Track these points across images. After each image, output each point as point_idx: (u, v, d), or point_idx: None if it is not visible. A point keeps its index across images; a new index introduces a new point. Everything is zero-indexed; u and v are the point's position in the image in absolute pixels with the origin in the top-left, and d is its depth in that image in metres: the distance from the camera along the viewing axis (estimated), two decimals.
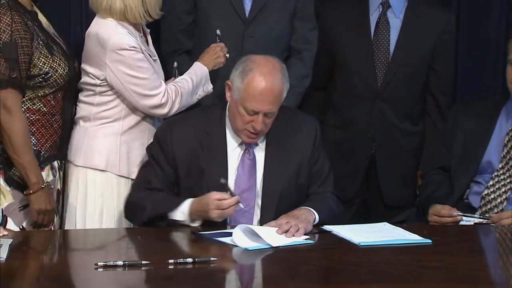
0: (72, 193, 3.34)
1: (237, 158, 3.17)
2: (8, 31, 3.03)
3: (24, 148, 3.09)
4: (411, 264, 2.79)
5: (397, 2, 3.80)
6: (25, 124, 3.10)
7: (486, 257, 3.06)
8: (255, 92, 3.05)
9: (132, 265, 2.66)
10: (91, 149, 3.31)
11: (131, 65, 3.22)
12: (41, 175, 3.14)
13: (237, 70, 3.11)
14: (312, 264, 2.79)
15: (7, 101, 3.05)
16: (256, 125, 3.07)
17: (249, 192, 3.17)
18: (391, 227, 3.10)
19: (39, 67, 3.11)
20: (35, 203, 3.12)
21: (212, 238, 2.94)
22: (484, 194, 3.42)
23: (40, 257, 2.94)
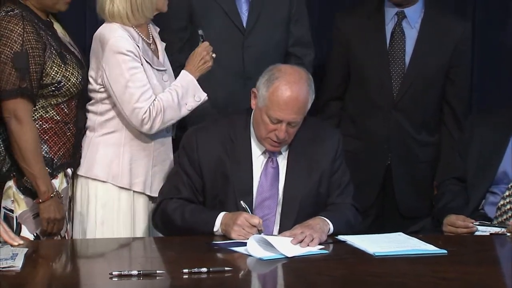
0: (77, 203, 3.32)
1: (261, 166, 3.16)
2: (19, 41, 3.03)
3: (34, 158, 3.08)
4: (427, 275, 2.75)
5: (413, 12, 3.79)
6: (36, 134, 3.10)
7: (503, 268, 3.03)
8: (280, 100, 3.04)
9: (147, 275, 2.63)
10: (93, 159, 3.27)
11: (124, 70, 3.17)
12: (51, 184, 3.13)
13: (263, 78, 3.10)
14: (326, 274, 2.76)
15: (18, 111, 3.05)
16: (279, 134, 3.06)
17: (270, 200, 3.17)
18: (406, 237, 3.09)
19: (52, 76, 3.10)
20: (45, 212, 3.11)
21: (227, 248, 2.93)
22: (500, 205, 3.40)
23: (55, 266, 2.93)
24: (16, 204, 3.15)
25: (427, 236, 3.16)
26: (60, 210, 3.15)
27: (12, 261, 2.66)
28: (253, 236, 2.88)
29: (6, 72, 3.03)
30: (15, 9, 3.07)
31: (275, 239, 2.88)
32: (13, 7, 3.07)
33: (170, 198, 3.12)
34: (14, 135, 3.06)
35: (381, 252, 2.89)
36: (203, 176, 3.12)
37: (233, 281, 2.68)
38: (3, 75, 3.03)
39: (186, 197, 3.12)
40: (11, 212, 3.14)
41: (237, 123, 3.19)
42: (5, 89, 3.03)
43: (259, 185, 3.15)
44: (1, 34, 3.03)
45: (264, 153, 3.16)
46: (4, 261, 2.64)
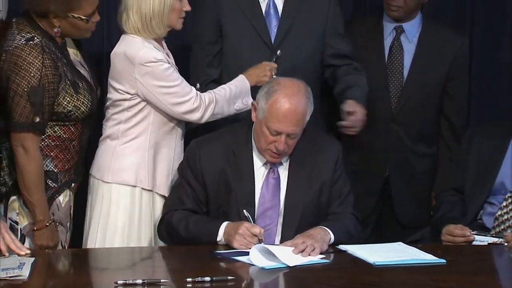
0: (97, 209, 3.31)
1: (262, 176, 3.16)
2: (37, 76, 3.01)
3: (35, 188, 3.08)
4: (426, 284, 2.75)
5: (411, 27, 3.81)
6: (40, 166, 3.09)
7: (500, 278, 3.02)
8: (279, 113, 3.04)
9: (151, 284, 2.62)
10: (120, 166, 3.27)
11: (160, 75, 3.21)
12: (48, 213, 3.13)
13: (262, 91, 3.11)
14: (327, 284, 2.75)
15: (26, 142, 3.05)
16: (278, 146, 3.05)
17: (272, 210, 3.16)
18: (405, 247, 3.08)
19: (63, 106, 3.10)
20: (39, 239, 3.11)
21: (230, 257, 2.92)
22: (497, 215, 3.39)
23: (61, 275, 2.94)
24: (21, 216, 3.14)
25: (426, 245, 3.15)
26: (53, 238, 3.14)
27: (19, 270, 2.67)
28: (255, 245, 2.88)
29: (21, 105, 3.01)
30: (35, 36, 3.04)
31: (277, 249, 2.88)
32: (33, 34, 3.05)
33: (174, 209, 3.12)
34: (19, 164, 3.06)
35: (381, 261, 2.89)
36: (207, 187, 3.12)
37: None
38: (18, 108, 3.01)
39: (190, 208, 3.12)
40: (16, 224, 3.14)
41: (239, 135, 3.19)
42: (18, 121, 3.02)
43: (261, 195, 3.15)
44: (20, 65, 3.01)
45: (266, 164, 3.15)
46: (12, 270, 2.65)
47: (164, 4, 3.23)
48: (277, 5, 3.54)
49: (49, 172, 3.14)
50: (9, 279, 2.62)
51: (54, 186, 3.16)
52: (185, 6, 3.29)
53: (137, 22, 3.23)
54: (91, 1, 3.09)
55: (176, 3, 3.25)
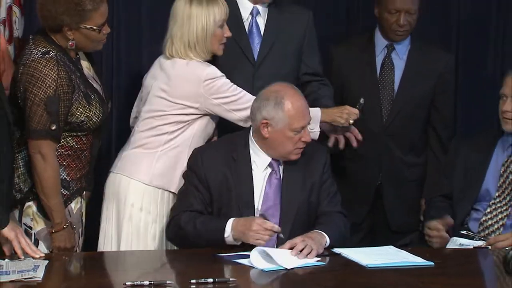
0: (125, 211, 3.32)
1: (264, 178, 3.19)
2: (53, 86, 3.02)
3: (53, 192, 3.08)
4: (415, 285, 2.77)
5: (401, 45, 3.82)
6: (57, 171, 3.10)
7: (485, 280, 3.03)
8: (298, 111, 3.13)
9: (158, 285, 2.64)
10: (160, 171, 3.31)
11: (225, 89, 3.27)
12: (64, 216, 3.12)
13: (269, 106, 3.13)
14: (323, 285, 2.77)
15: (43, 148, 3.05)
16: (305, 137, 3.14)
17: (274, 208, 3.19)
18: (396, 250, 3.08)
19: (76, 116, 3.10)
20: (56, 241, 3.10)
21: (231, 260, 2.93)
22: (482, 221, 3.40)
23: (73, 277, 2.95)
24: (35, 222, 3.14)
25: (415, 249, 3.15)
26: (70, 240, 3.14)
27: (34, 272, 2.68)
28: (255, 248, 2.89)
29: (38, 113, 3.01)
30: (50, 50, 3.05)
31: (275, 252, 2.89)
32: (48, 48, 3.06)
33: (183, 211, 3.12)
34: (37, 170, 3.05)
35: (373, 264, 2.90)
36: (210, 189, 3.14)
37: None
38: (35, 116, 3.02)
39: (198, 209, 3.13)
40: (30, 229, 3.13)
41: (238, 143, 3.22)
42: (35, 129, 3.02)
43: (264, 194, 3.18)
44: (37, 77, 3.01)
45: (269, 166, 3.19)
46: (27, 272, 2.67)
47: (207, 31, 3.26)
48: (259, 24, 3.53)
49: (62, 180, 3.13)
50: (24, 280, 2.64)
51: (66, 194, 3.15)
52: (226, 33, 3.31)
53: (181, 48, 3.26)
54: (101, 12, 3.08)
55: (218, 30, 3.28)
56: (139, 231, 3.31)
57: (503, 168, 3.42)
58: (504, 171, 3.41)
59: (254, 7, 3.53)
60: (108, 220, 3.36)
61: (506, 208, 3.38)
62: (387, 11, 3.74)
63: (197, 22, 3.25)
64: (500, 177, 3.42)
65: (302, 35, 3.59)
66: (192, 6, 3.25)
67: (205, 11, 3.25)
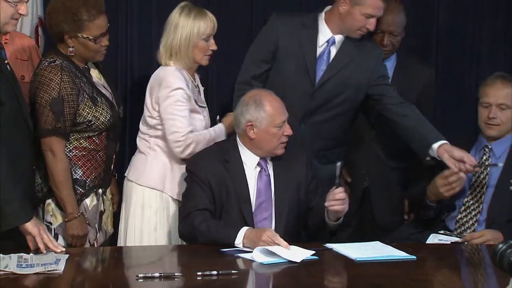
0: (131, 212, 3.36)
1: (255, 175, 3.22)
2: (57, 89, 3.05)
3: (64, 185, 3.09)
4: (399, 277, 2.78)
5: (388, 60, 3.79)
6: (66, 165, 3.11)
7: (461, 272, 3.04)
8: (277, 108, 3.17)
9: (167, 277, 2.67)
10: (151, 173, 3.33)
11: (173, 101, 3.24)
12: (76, 207, 3.14)
13: (251, 110, 3.17)
14: (316, 276, 2.80)
15: (53, 146, 3.08)
16: (287, 131, 3.18)
17: (267, 202, 3.22)
18: (382, 245, 3.10)
19: (84, 116, 3.13)
20: (70, 229, 3.13)
21: (234, 254, 2.95)
22: (458, 218, 3.42)
23: (90, 269, 2.96)
24: (54, 218, 3.16)
25: (399, 244, 3.15)
26: (83, 229, 3.15)
27: (55, 265, 2.72)
28: (257, 248, 2.91)
29: (44, 114, 3.06)
30: (56, 60, 3.10)
31: (277, 249, 2.90)
32: (55, 58, 3.11)
33: (195, 210, 3.11)
34: (48, 165, 3.09)
35: (361, 257, 2.92)
36: (212, 188, 3.16)
37: (239, 281, 2.73)
38: (42, 116, 3.06)
39: (207, 206, 3.14)
40: (50, 224, 3.15)
41: (228, 147, 3.25)
42: (43, 127, 3.06)
43: (257, 190, 3.20)
44: (42, 82, 3.07)
45: (258, 165, 3.23)
46: (49, 265, 2.71)
47: (189, 41, 3.27)
48: (331, 52, 3.49)
49: (77, 179, 3.15)
50: (47, 272, 2.67)
51: (80, 191, 3.16)
52: (211, 46, 3.30)
53: (166, 53, 3.28)
54: (97, 25, 3.08)
55: (201, 42, 3.28)
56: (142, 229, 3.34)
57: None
58: (475, 172, 3.39)
59: (332, 36, 3.48)
60: (122, 220, 3.40)
61: (478, 205, 3.38)
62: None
63: (181, 31, 3.26)
64: (473, 177, 3.41)
65: (371, 68, 3.51)
66: (181, 16, 3.27)
67: (191, 23, 3.26)
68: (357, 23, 3.40)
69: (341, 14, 3.42)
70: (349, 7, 3.39)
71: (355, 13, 3.38)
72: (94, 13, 3.08)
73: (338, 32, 3.48)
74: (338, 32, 3.48)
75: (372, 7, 3.37)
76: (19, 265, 2.71)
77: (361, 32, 3.46)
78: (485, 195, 3.38)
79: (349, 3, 3.39)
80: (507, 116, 3.36)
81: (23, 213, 2.83)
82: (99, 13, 3.10)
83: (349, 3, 3.39)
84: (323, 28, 3.49)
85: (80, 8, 3.07)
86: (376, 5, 3.37)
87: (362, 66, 3.51)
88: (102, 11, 3.12)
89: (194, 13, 3.27)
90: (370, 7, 3.37)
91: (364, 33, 3.47)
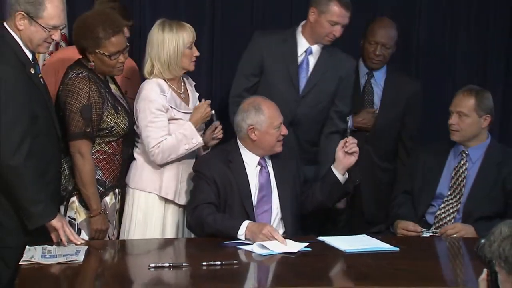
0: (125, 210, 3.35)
1: (257, 173, 3.27)
2: (86, 97, 3.09)
3: (90, 184, 3.12)
4: (384, 266, 2.82)
5: (379, 72, 3.85)
6: (93, 166, 3.13)
7: (440, 261, 3.09)
8: (274, 112, 3.23)
9: (175, 266, 2.72)
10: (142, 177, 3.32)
11: (149, 111, 3.23)
12: (100, 204, 3.15)
13: (251, 115, 3.23)
14: (309, 266, 2.83)
15: (81, 148, 3.10)
16: (283, 131, 3.24)
17: (267, 196, 3.27)
18: (369, 238, 3.11)
19: (107, 123, 3.17)
20: (94, 224, 3.15)
21: (235, 247, 2.98)
22: (437, 214, 3.44)
23: (108, 259, 3.00)
24: (78, 214, 3.18)
25: (384, 237, 3.18)
26: (105, 224, 3.16)
27: (76, 256, 2.76)
28: (256, 243, 2.96)
29: (75, 119, 3.08)
30: (83, 71, 3.14)
31: (271, 245, 2.93)
32: (81, 70, 3.14)
33: (202, 203, 3.13)
34: (77, 166, 3.10)
35: (350, 249, 2.94)
36: (217, 185, 3.19)
37: (240, 271, 2.78)
38: (73, 122, 3.09)
39: (213, 200, 3.16)
40: (74, 220, 3.17)
41: (230, 149, 3.29)
42: (74, 131, 3.09)
43: (259, 185, 3.24)
44: (73, 91, 3.10)
45: (258, 163, 3.27)
46: (70, 256, 2.76)
47: (178, 51, 3.27)
48: (309, 61, 3.58)
49: (98, 180, 3.17)
50: (68, 262, 2.72)
51: (101, 190, 3.19)
52: (195, 52, 3.32)
53: (159, 67, 3.28)
54: (113, 42, 3.10)
55: (187, 51, 3.29)
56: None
57: (454, 171, 3.46)
58: (455, 174, 3.45)
59: (310, 47, 3.58)
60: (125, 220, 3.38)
61: (456, 204, 3.42)
62: (368, 42, 3.79)
63: (169, 45, 3.25)
64: (451, 179, 3.45)
65: (342, 78, 3.60)
66: (165, 32, 3.26)
67: (175, 35, 3.26)
68: (324, 30, 3.51)
69: (311, 23, 3.54)
70: (317, 16, 3.51)
71: (322, 21, 3.50)
72: (110, 32, 3.11)
73: (313, 41, 3.59)
74: (313, 42, 3.59)
75: (337, 15, 3.48)
76: (43, 256, 2.75)
77: (329, 39, 3.54)
78: (463, 194, 3.41)
79: (316, 12, 3.50)
80: (466, 123, 3.38)
81: (48, 212, 2.89)
82: (115, 33, 3.13)
83: (317, 12, 3.50)
84: (300, 40, 3.60)
85: (97, 27, 3.10)
86: (339, 14, 3.48)
87: (335, 75, 3.60)
88: (118, 31, 3.14)
89: (175, 27, 3.29)
90: (334, 15, 3.48)
91: (332, 40, 3.56)
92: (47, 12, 2.87)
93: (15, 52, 2.90)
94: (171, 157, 3.27)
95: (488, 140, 3.47)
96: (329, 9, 3.47)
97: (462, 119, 3.40)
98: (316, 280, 2.70)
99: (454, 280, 2.86)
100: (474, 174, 3.42)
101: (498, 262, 1.99)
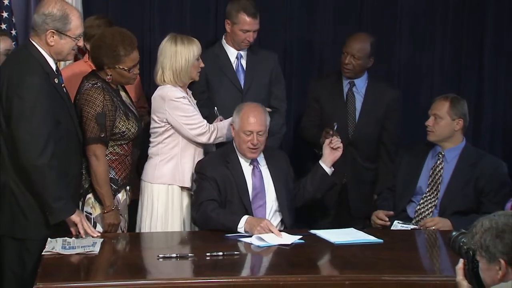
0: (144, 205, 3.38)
1: (250, 172, 3.29)
2: (101, 105, 3.11)
3: (104, 183, 3.13)
4: (369, 256, 2.83)
5: (360, 81, 3.83)
6: (107, 168, 3.14)
7: (420, 252, 3.10)
8: (248, 118, 3.23)
9: (182, 257, 2.74)
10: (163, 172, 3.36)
11: (183, 108, 3.31)
12: (112, 201, 3.16)
13: (234, 113, 3.28)
14: (302, 256, 2.84)
15: (97, 151, 3.12)
16: (252, 141, 3.21)
17: (261, 193, 3.28)
18: (356, 231, 3.12)
19: (119, 128, 3.18)
20: (107, 219, 3.15)
21: (236, 239, 2.99)
22: (417, 209, 3.45)
23: (120, 251, 3.01)
24: (94, 209, 3.18)
25: (369, 229, 3.19)
26: (118, 218, 3.17)
27: (92, 247, 2.79)
28: (254, 235, 2.97)
29: (91, 126, 3.10)
30: (97, 82, 3.15)
31: (268, 238, 2.95)
32: (96, 81, 3.16)
33: (206, 200, 3.14)
34: (92, 167, 3.12)
35: (339, 241, 2.95)
36: (218, 184, 3.21)
37: (241, 260, 2.80)
38: (89, 128, 3.10)
39: (216, 197, 3.18)
40: (90, 214, 3.17)
41: (227, 151, 3.31)
42: (90, 136, 3.10)
43: (253, 183, 3.25)
44: (88, 100, 3.12)
45: (250, 164, 3.28)
46: (87, 247, 2.78)
47: (188, 62, 3.33)
48: (243, 64, 3.72)
49: (111, 178, 3.17)
50: (85, 253, 2.74)
51: (114, 188, 3.19)
52: (201, 64, 3.39)
53: (170, 75, 3.33)
54: (132, 58, 3.15)
55: (196, 62, 3.36)
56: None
57: (432, 171, 3.46)
58: (432, 173, 3.46)
59: (238, 52, 3.73)
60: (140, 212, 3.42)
61: (433, 200, 3.42)
62: (342, 53, 3.79)
63: (181, 56, 3.31)
64: (429, 177, 3.46)
65: (271, 70, 3.77)
66: (177, 45, 3.33)
67: (187, 48, 3.33)
68: (240, 38, 3.70)
69: (229, 33, 3.74)
70: (231, 26, 3.71)
71: (236, 30, 3.69)
72: (129, 49, 3.15)
73: (237, 47, 3.74)
74: (237, 47, 3.74)
75: (247, 24, 3.67)
76: (63, 247, 2.78)
77: (245, 44, 3.73)
78: (440, 191, 3.43)
79: (230, 24, 3.71)
80: (440, 125, 3.39)
81: (68, 208, 2.91)
82: (133, 49, 3.17)
83: (230, 23, 3.70)
84: (228, 48, 3.75)
85: (118, 46, 3.13)
86: (249, 23, 3.67)
87: (266, 68, 3.77)
88: (135, 47, 3.19)
89: (186, 41, 3.36)
90: (245, 24, 3.67)
91: (248, 44, 3.73)
92: (73, 24, 2.93)
93: (41, 63, 2.94)
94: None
95: (463, 143, 3.47)
96: (239, 20, 3.67)
97: (437, 121, 3.42)
98: (308, 268, 2.73)
99: (432, 269, 2.88)
100: (449, 173, 3.42)
101: (480, 252, 1.99)
